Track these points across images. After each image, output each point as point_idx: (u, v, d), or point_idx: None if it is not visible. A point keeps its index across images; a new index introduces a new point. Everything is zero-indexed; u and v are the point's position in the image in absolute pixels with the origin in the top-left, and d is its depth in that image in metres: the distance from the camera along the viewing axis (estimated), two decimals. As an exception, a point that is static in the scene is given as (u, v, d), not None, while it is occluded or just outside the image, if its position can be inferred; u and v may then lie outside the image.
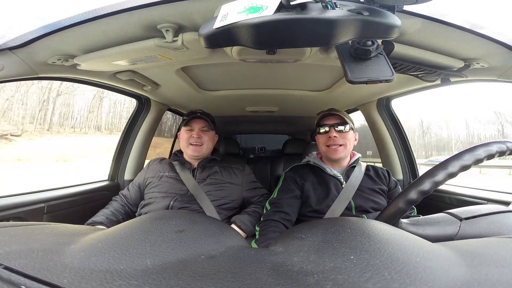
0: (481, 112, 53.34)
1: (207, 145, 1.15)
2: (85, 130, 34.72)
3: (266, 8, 0.39)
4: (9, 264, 0.23)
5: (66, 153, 26.60)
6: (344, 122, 0.99)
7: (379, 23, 0.41)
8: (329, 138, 0.99)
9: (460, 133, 47.43)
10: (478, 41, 0.64)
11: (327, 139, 1.00)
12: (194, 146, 1.13)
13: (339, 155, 0.99)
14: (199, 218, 0.46)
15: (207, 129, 1.15)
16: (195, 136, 1.12)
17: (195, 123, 1.15)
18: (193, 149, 1.12)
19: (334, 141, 0.98)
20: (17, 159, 23.70)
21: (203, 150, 1.14)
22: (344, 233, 0.34)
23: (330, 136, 0.98)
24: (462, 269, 0.24)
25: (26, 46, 0.65)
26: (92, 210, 1.09)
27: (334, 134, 0.98)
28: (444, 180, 0.48)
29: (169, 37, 0.65)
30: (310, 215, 0.96)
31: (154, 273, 0.24)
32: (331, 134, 0.98)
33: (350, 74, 0.50)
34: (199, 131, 1.14)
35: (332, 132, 0.99)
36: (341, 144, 0.99)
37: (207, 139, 1.15)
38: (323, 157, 1.07)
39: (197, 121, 1.15)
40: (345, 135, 1.00)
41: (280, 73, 1.08)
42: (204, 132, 1.15)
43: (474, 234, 0.47)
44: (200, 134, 1.13)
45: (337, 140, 0.98)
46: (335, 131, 0.99)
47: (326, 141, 1.00)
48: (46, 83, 25.92)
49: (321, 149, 1.04)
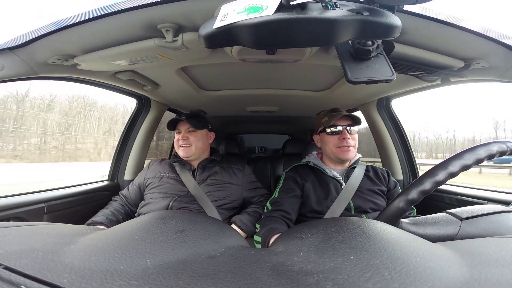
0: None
1: (195, 145, 1.15)
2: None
3: (266, 8, 0.39)
4: (9, 264, 0.23)
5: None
6: (356, 123, 0.99)
7: (379, 23, 0.41)
8: (342, 139, 0.98)
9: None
10: (478, 41, 0.64)
11: (339, 140, 0.98)
12: (183, 148, 1.14)
13: (350, 155, 0.99)
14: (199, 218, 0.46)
15: (193, 129, 1.15)
16: (182, 138, 1.14)
17: (181, 125, 1.16)
18: (183, 151, 1.14)
19: (347, 142, 0.97)
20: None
21: (193, 151, 1.14)
22: (344, 233, 0.34)
23: (344, 138, 0.97)
24: (462, 269, 0.24)
25: (26, 46, 0.65)
26: (92, 210, 1.09)
27: (348, 135, 0.97)
28: (444, 180, 0.48)
29: (169, 37, 0.65)
30: (309, 215, 0.96)
31: (154, 273, 0.24)
32: (345, 136, 0.97)
33: (350, 74, 0.50)
34: (185, 133, 1.14)
35: (346, 134, 0.97)
36: (352, 145, 0.99)
37: (195, 139, 1.15)
38: (326, 157, 1.06)
39: (181, 123, 1.16)
40: (355, 136, 1.00)
41: (280, 73, 1.08)
42: (191, 133, 1.15)
43: (474, 234, 0.47)
44: (186, 136, 1.14)
45: (350, 141, 0.98)
46: (348, 132, 0.98)
47: (338, 142, 0.99)
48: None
49: (330, 149, 1.01)
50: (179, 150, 1.15)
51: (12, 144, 13.68)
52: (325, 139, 1.02)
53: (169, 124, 1.18)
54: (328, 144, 1.01)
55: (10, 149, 18.98)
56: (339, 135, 0.98)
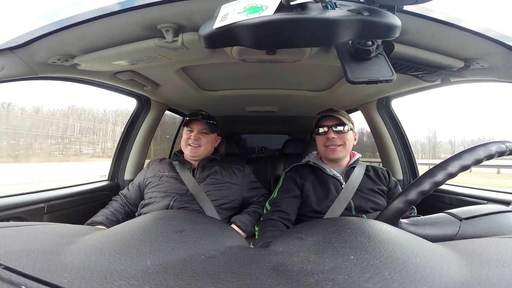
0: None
1: (205, 147, 1.15)
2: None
3: (266, 8, 0.39)
4: (9, 264, 0.23)
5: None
6: (343, 123, 1.00)
7: (379, 23, 0.41)
8: (327, 139, 1.00)
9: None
10: (478, 41, 0.64)
11: (325, 139, 1.01)
12: (191, 147, 1.14)
13: (337, 155, 1.00)
14: (199, 218, 0.46)
15: (207, 131, 1.16)
16: (193, 138, 1.13)
17: (195, 124, 1.16)
18: (191, 150, 1.14)
19: (332, 141, 0.99)
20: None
21: (201, 152, 1.15)
22: (344, 233, 0.34)
23: (329, 137, 0.99)
24: (462, 269, 0.24)
25: (26, 46, 0.65)
26: (92, 210, 1.09)
27: (332, 135, 0.99)
28: (443, 181, 0.48)
29: (169, 37, 0.65)
30: (310, 215, 0.96)
31: (154, 273, 0.24)
32: (330, 135, 0.99)
33: (350, 74, 0.50)
34: (197, 133, 1.14)
35: (331, 133, 0.99)
36: (340, 144, 1.00)
37: (206, 141, 1.15)
38: (323, 157, 1.08)
39: (197, 122, 1.16)
40: (344, 136, 1.00)
41: (280, 73, 1.08)
42: (203, 134, 1.15)
43: (474, 234, 0.47)
44: (198, 136, 1.14)
45: (335, 140, 0.99)
46: (333, 132, 1.00)
47: (324, 141, 1.01)
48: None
49: (320, 149, 1.05)
50: (186, 148, 1.15)
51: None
52: (316, 138, 1.06)
53: (186, 122, 1.18)
54: (318, 144, 1.05)
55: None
56: (326, 135, 1.01)
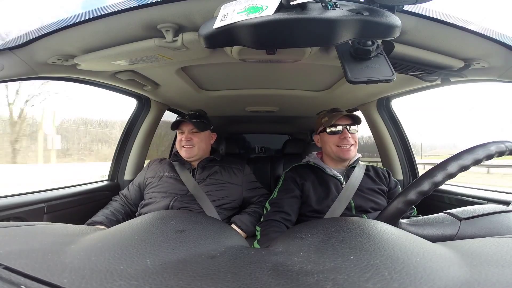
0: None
1: (198, 146, 1.15)
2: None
3: (266, 8, 0.39)
4: (9, 264, 0.23)
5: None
6: (356, 123, 1.00)
7: (379, 23, 0.41)
8: (343, 138, 0.99)
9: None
10: (478, 41, 0.64)
11: (339, 139, 1.00)
12: (186, 148, 1.14)
13: (351, 155, 1.00)
14: (199, 218, 0.46)
15: (197, 130, 1.15)
16: (185, 139, 1.14)
17: (184, 126, 1.16)
18: (185, 151, 1.15)
19: (347, 141, 0.99)
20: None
21: (195, 152, 1.15)
22: (344, 233, 0.34)
23: (345, 137, 0.99)
24: (462, 269, 0.24)
25: (26, 46, 0.65)
26: (92, 210, 1.09)
27: (348, 135, 0.99)
28: (443, 181, 0.48)
29: (169, 37, 0.65)
30: (310, 215, 0.96)
31: (154, 273, 0.24)
32: (346, 135, 0.99)
33: (350, 74, 0.50)
34: (188, 133, 1.15)
35: (346, 133, 0.99)
36: (352, 144, 1.00)
37: (198, 140, 1.15)
38: (327, 157, 1.07)
39: (185, 123, 1.16)
40: (355, 136, 1.01)
41: (280, 73, 1.08)
42: (194, 134, 1.15)
43: (474, 234, 0.47)
44: (189, 136, 1.14)
45: (350, 140, 0.99)
46: (348, 132, 0.99)
47: (337, 141, 1.00)
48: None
49: (330, 149, 1.02)
50: (181, 150, 1.16)
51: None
52: (325, 138, 1.03)
53: (173, 125, 1.18)
54: (329, 143, 1.02)
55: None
56: (340, 135, 0.99)
